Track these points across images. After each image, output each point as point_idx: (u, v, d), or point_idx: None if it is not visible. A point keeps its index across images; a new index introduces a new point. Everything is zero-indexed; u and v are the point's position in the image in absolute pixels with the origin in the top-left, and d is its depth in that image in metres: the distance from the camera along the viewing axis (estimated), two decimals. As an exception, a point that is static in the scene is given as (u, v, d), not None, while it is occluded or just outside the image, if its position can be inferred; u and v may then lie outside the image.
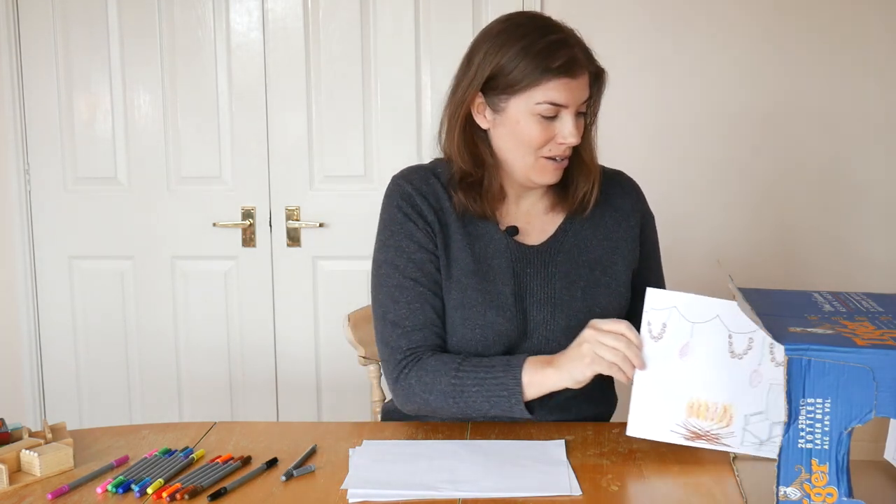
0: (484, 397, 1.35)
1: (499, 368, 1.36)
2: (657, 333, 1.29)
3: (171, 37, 2.72)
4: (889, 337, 1.00)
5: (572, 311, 1.46)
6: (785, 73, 2.59)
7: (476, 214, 1.47)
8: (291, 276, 2.77)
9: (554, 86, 1.36)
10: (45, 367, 2.88)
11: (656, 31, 2.60)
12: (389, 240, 1.47)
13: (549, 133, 1.39)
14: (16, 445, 1.28)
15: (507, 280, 1.46)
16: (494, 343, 1.44)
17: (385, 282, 1.46)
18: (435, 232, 1.46)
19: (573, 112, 1.39)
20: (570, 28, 1.43)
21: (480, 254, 1.47)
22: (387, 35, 2.67)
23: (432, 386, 1.38)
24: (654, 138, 2.64)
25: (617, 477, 1.23)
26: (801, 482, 0.98)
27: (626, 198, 1.55)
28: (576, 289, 1.47)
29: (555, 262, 1.48)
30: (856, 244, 2.64)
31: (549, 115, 1.38)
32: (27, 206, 2.82)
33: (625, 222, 1.53)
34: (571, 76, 1.37)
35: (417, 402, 1.41)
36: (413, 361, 1.42)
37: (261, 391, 2.81)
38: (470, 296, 1.44)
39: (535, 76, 1.36)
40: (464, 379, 1.36)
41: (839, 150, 2.62)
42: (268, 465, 1.28)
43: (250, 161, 2.75)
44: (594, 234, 1.51)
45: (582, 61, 1.38)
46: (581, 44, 1.40)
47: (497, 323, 1.44)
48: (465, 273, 1.45)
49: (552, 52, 1.36)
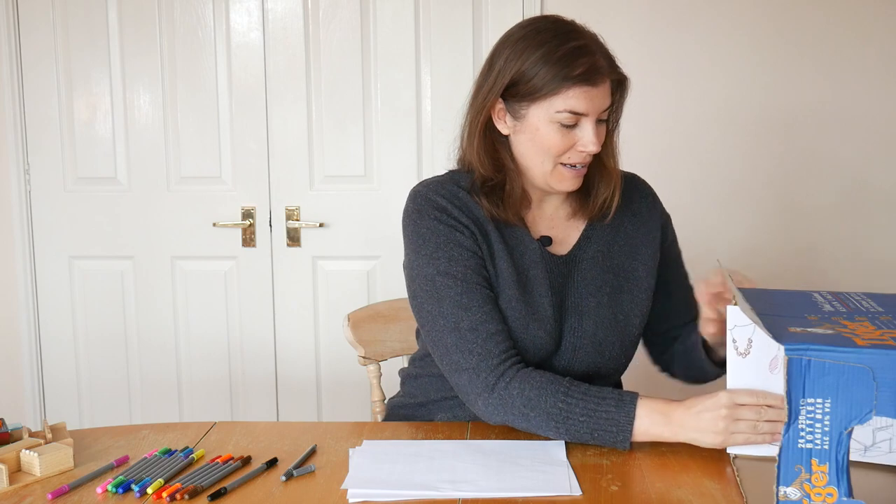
0: (590, 428, 1.30)
1: (610, 402, 1.30)
2: (744, 350, 1.27)
3: (171, 37, 2.72)
4: (889, 337, 1.00)
5: (599, 318, 1.47)
6: (791, 73, 2.59)
7: (504, 220, 1.45)
8: (291, 276, 2.77)
9: (574, 94, 1.35)
10: (45, 367, 2.88)
11: (660, 30, 2.60)
12: (437, 252, 1.41)
13: (570, 141, 1.38)
14: (16, 445, 1.28)
15: (545, 292, 1.44)
16: (533, 355, 1.43)
17: (447, 293, 1.39)
18: (479, 240, 1.43)
19: (594, 120, 1.37)
20: (593, 33, 1.40)
21: (519, 264, 1.45)
22: (387, 35, 2.67)
23: (536, 403, 1.32)
24: (656, 136, 2.64)
25: (617, 477, 1.23)
26: (801, 482, 0.98)
27: (644, 201, 1.56)
28: (602, 295, 1.47)
29: (580, 271, 1.48)
30: (859, 244, 2.64)
31: (569, 124, 1.37)
32: (27, 206, 2.82)
33: (643, 227, 1.54)
34: (592, 84, 1.35)
35: (515, 415, 1.34)
36: (514, 370, 1.36)
37: (261, 391, 2.81)
38: (515, 307, 1.42)
39: (556, 84, 1.35)
40: (572, 406, 1.30)
41: (846, 151, 2.62)
42: (268, 465, 1.28)
43: (250, 161, 2.75)
44: (615, 240, 1.51)
45: (604, 69, 1.36)
46: (603, 50, 1.38)
47: (538, 337, 1.43)
48: (508, 284, 1.43)
49: (573, 60, 1.34)
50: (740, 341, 1.27)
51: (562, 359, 1.46)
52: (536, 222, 1.50)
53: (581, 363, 1.46)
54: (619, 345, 1.48)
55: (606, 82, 1.38)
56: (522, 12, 2.59)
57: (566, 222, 1.51)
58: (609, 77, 1.38)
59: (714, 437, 1.24)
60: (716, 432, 1.23)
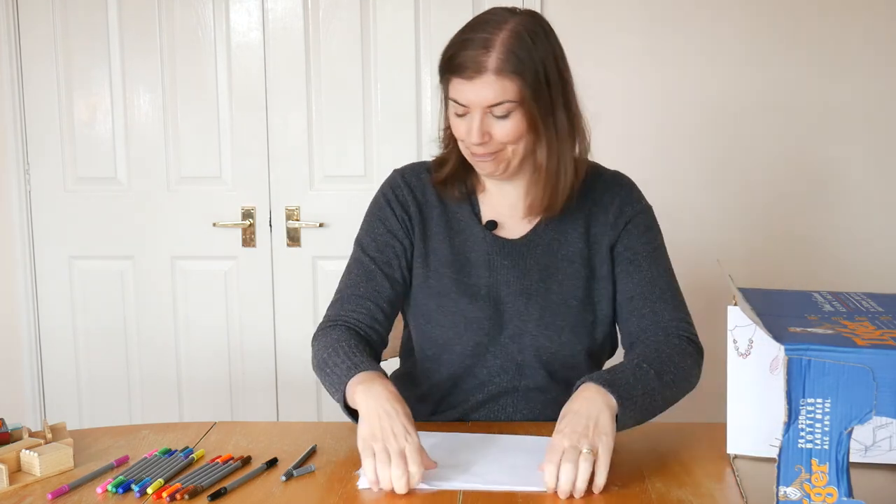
0: (330, 381, 1.36)
1: (348, 363, 1.34)
2: (744, 350, 1.27)
3: (171, 37, 2.72)
4: (889, 337, 1.00)
5: (546, 303, 1.47)
6: (787, 71, 2.59)
7: (451, 198, 1.51)
8: (291, 276, 2.77)
9: (454, 84, 1.37)
10: (45, 367, 2.88)
11: (659, 27, 2.60)
12: (365, 223, 1.55)
13: (465, 129, 1.39)
14: (16, 445, 1.28)
15: (482, 271, 1.48)
16: (466, 330, 1.47)
17: (352, 259, 1.54)
18: (412, 223, 1.51)
19: (481, 112, 1.35)
20: (503, 27, 1.35)
21: (459, 247, 1.50)
22: (387, 35, 2.67)
23: (315, 354, 1.43)
24: (655, 137, 2.64)
25: (617, 477, 1.23)
26: (801, 482, 0.98)
27: (609, 193, 1.52)
28: (552, 281, 1.48)
29: (533, 256, 1.49)
30: (855, 245, 2.64)
31: (459, 113, 1.39)
32: (27, 206, 2.82)
33: (604, 216, 1.50)
34: (466, 78, 1.34)
35: (314, 365, 1.43)
36: (328, 328, 1.46)
37: (261, 391, 2.81)
38: (445, 284, 1.48)
39: (444, 70, 1.39)
40: (328, 359, 1.38)
41: (839, 149, 2.62)
42: (268, 465, 1.28)
43: (250, 161, 2.75)
44: (575, 229, 1.50)
45: (482, 64, 1.33)
46: (497, 45, 1.33)
47: (468, 311, 1.46)
48: (442, 264, 1.50)
49: (455, 52, 1.36)
50: (741, 342, 1.27)
51: (511, 340, 1.47)
52: (494, 206, 1.52)
53: (531, 346, 1.46)
54: (572, 330, 1.46)
55: (484, 76, 1.33)
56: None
57: (526, 210, 1.50)
58: (490, 73, 1.33)
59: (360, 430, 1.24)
60: (362, 438, 1.22)
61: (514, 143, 1.39)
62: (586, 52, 2.64)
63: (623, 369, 1.32)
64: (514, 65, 1.33)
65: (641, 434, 1.38)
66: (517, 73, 1.33)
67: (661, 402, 1.33)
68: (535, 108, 1.36)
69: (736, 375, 1.27)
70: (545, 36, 1.38)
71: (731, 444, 1.30)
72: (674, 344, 1.41)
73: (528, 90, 1.34)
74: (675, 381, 1.36)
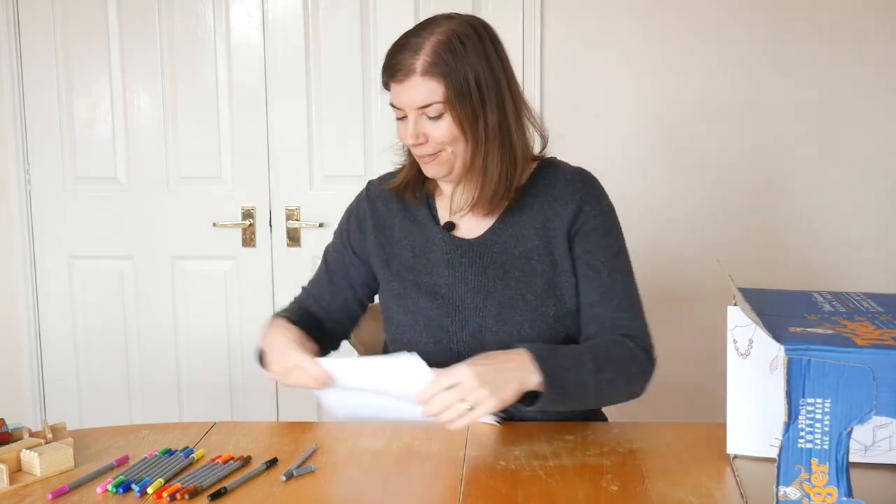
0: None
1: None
2: (744, 350, 1.27)
3: (171, 37, 2.72)
4: (889, 337, 1.00)
5: (505, 299, 1.49)
6: (782, 71, 2.59)
7: (413, 202, 1.58)
8: (291, 276, 2.77)
9: (391, 88, 1.45)
10: (45, 367, 2.88)
11: (658, 26, 2.60)
12: (335, 231, 1.69)
13: (404, 131, 1.46)
14: (16, 445, 1.28)
15: (441, 271, 1.53)
16: (426, 328, 1.52)
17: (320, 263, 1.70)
18: (368, 235, 1.60)
19: (415, 114, 1.43)
20: (436, 30, 1.42)
21: (420, 248, 1.56)
22: (387, 35, 2.64)
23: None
24: (655, 136, 2.64)
25: (617, 477, 1.23)
26: (800, 482, 0.98)
27: (570, 188, 1.52)
28: (509, 278, 1.50)
29: (490, 254, 1.52)
30: (854, 244, 2.65)
31: (399, 116, 1.46)
32: (27, 206, 2.82)
33: (563, 211, 1.51)
34: (396, 81, 1.42)
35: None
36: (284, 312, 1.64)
37: (261, 391, 2.81)
38: (406, 286, 1.55)
39: (382, 74, 1.46)
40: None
41: (837, 149, 2.62)
42: (268, 465, 1.28)
43: (250, 161, 2.75)
44: (531, 225, 1.52)
45: (411, 67, 1.40)
46: (426, 48, 1.40)
47: (427, 308, 1.51)
48: (404, 267, 1.56)
49: (391, 54, 1.44)
50: (741, 342, 1.27)
51: (472, 336, 1.49)
52: (449, 209, 1.56)
53: (493, 342, 1.47)
54: (531, 325, 1.47)
55: (412, 79, 1.41)
56: (522, 12, 2.59)
57: (483, 211, 1.53)
58: (417, 75, 1.40)
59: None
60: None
61: (451, 143, 1.45)
62: (586, 52, 2.64)
63: (565, 354, 1.39)
64: (440, 67, 1.40)
65: (641, 434, 1.39)
66: (442, 75, 1.40)
67: (592, 397, 1.40)
68: (462, 108, 1.42)
69: (736, 375, 1.27)
70: (479, 40, 1.44)
71: (731, 444, 1.30)
72: (627, 347, 1.45)
73: (452, 92, 1.40)
74: (612, 381, 1.41)
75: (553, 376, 1.32)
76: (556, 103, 2.64)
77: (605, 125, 2.65)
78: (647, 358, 1.47)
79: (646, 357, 1.47)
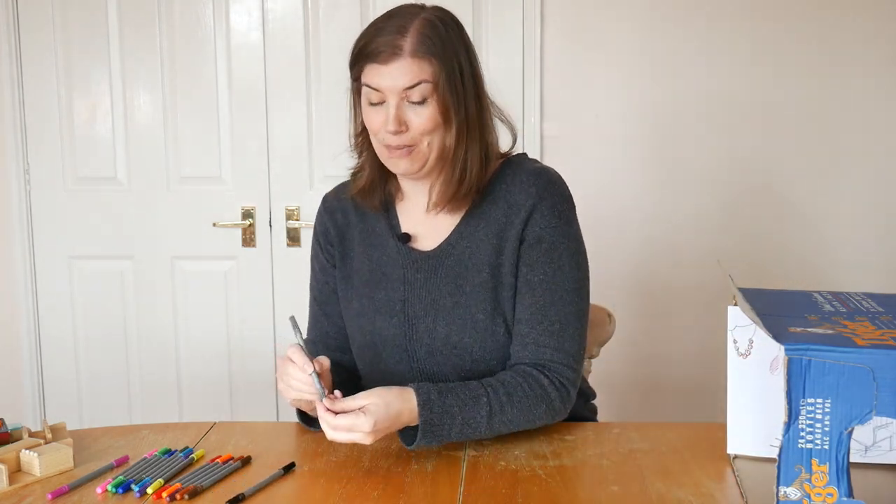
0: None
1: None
2: (744, 350, 1.26)
3: (171, 37, 2.72)
4: (889, 337, 1.00)
5: (453, 319, 1.41)
6: (781, 72, 2.59)
7: (372, 210, 1.49)
8: (291, 276, 2.77)
9: (368, 69, 1.35)
10: (45, 367, 2.88)
11: (658, 26, 2.60)
12: (311, 264, 1.59)
13: (380, 119, 1.36)
14: (16, 445, 1.28)
15: (396, 287, 1.45)
16: (384, 349, 1.45)
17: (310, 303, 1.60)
18: (334, 249, 1.53)
19: (397, 99, 1.34)
20: (419, 14, 1.36)
21: (377, 262, 1.48)
22: (387, 35, 2.67)
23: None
24: (654, 136, 2.64)
25: (617, 477, 1.23)
26: (801, 482, 0.98)
27: (524, 194, 1.41)
28: (460, 295, 1.41)
29: (444, 267, 1.43)
30: (854, 244, 2.65)
31: (375, 101, 1.36)
32: (27, 206, 2.82)
33: (516, 219, 1.40)
34: (381, 62, 1.33)
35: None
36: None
37: (261, 391, 2.81)
38: (364, 304, 1.47)
39: (357, 59, 1.37)
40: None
41: (836, 150, 2.62)
42: (285, 470, 1.27)
43: (250, 161, 2.75)
44: (486, 234, 1.42)
45: (399, 47, 1.32)
46: (412, 30, 1.33)
47: (384, 328, 1.44)
48: (363, 283, 1.49)
49: (370, 37, 1.35)
50: (741, 342, 1.27)
51: (428, 356, 1.43)
52: (410, 216, 1.49)
53: (444, 365, 1.42)
54: (482, 348, 1.40)
55: (400, 58, 1.33)
56: (522, 12, 2.59)
57: (439, 217, 1.45)
58: (406, 55, 1.33)
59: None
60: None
61: (430, 132, 1.35)
62: (586, 54, 2.64)
63: (460, 395, 1.30)
64: (429, 47, 1.33)
65: (641, 434, 1.39)
66: (432, 54, 1.33)
67: (481, 435, 1.32)
68: (448, 92, 1.35)
69: (736, 375, 1.27)
70: (456, 27, 1.40)
71: (731, 444, 1.30)
72: (539, 385, 1.35)
73: (442, 73, 1.34)
74: (509, 422, 1.33)
75: (435, 424, 1.27)
76: (556, 104, 2.64)
77: (605, 126, 2.65)
78: (560, 396, 1.36)
79: (558, 396, 1.36)
